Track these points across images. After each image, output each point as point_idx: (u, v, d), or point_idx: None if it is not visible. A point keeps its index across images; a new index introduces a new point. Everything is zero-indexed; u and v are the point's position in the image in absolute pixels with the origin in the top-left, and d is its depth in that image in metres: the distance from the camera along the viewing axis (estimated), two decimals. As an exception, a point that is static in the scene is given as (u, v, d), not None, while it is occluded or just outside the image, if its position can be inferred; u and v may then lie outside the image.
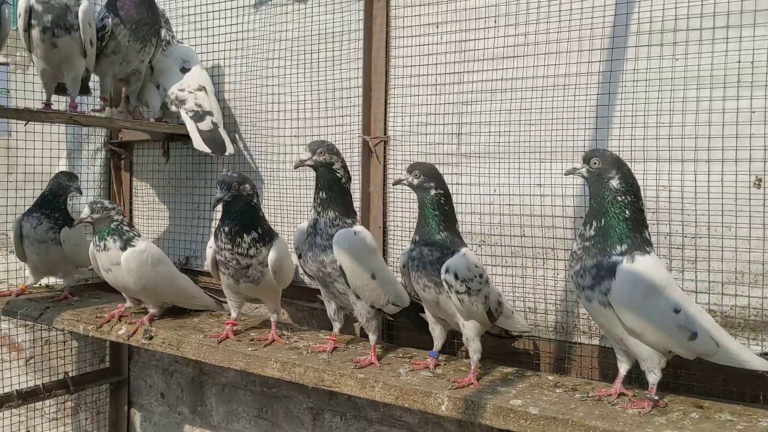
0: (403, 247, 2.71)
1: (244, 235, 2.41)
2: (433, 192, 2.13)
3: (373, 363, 2.30)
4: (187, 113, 3.02)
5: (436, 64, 2.69)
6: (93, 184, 3.57)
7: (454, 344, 2.54)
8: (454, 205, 2.42)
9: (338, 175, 2.25)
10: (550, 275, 2.49)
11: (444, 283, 2.06)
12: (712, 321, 1.91)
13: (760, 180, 2.11)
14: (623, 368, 2.01)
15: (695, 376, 2.20)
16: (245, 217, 2.43)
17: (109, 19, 2.85)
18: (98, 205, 2.63)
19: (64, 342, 3.76)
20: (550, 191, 2.45)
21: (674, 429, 1.77)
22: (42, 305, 2.95)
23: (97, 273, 2.83)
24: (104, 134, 3.59)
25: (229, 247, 2.41)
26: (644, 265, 1.82)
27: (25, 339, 3.96)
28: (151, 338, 2.62)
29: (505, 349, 2.58)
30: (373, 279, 2.28)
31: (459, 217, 2.61)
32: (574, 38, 2.40)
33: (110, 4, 2.90)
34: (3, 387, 3.64)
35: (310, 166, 2.24)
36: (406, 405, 2.11)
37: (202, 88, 3.08)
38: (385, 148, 2.81)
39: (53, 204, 3.03)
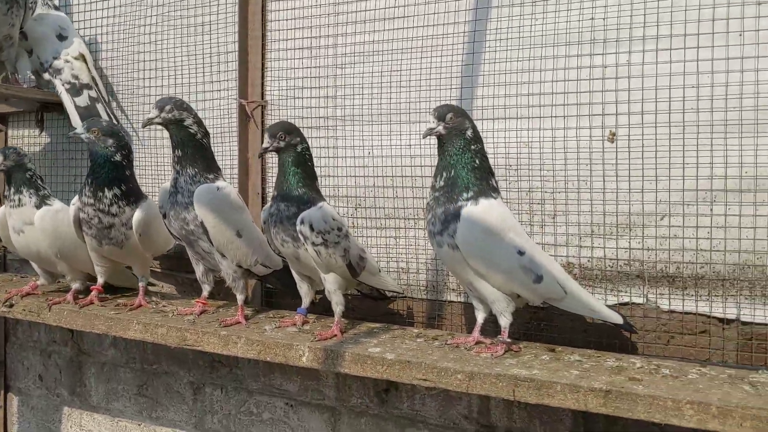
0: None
1: (106, 189, 2.33)
2: (299, 148, 2.12)
3: (239, 322, 2.27)
4: (63, 85, 2.93)
5: (310, 27, 2.68)
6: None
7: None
8: (331, 168, 2.44)
9: (191, 131, 2.20)
10: (421, 236, 2.51)
11: (300, 235, 2.05)
12: (561, 270, 1.98)
13: (613, 134, 2.19)
14: (480, 317, 2.04)
15: (557, 328, 2.26)
16: (109, 172, 2.35)
17: None
18: (11, 150, 2.45)
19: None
20: (420, 152, 2.48)
21: (522, 368, 1.81)
22: None
23: (5, 242, 2.62)
24: (-24, 106, 3.43)
25: (92, 202, 2.32)
26: (488, 207, 1.87)
27: None
28: (11, 306, 2.51)
29: (380, 311, 2.59)
30: (239, 237, 2.24)
31: (335, 181, 2.63)
32: (441, 0, 2.44)
33: None
34: None
35: (158, 123, 2.18)
36: (268, 359, 2.09)
37: (80, 57, 2.99)
38: (262, 112, 2.78)
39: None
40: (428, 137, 1.95)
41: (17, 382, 3.56)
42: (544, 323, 2.29)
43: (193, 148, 2.20)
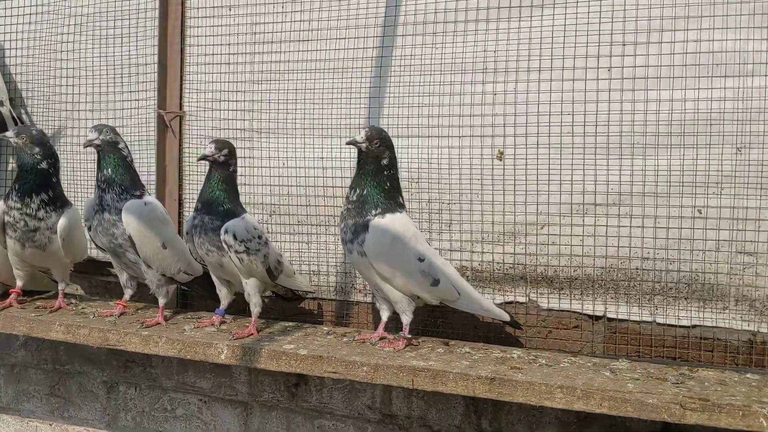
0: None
1: (33, 195, 2.42)
2: (231, 168, 2.30)
3: (159, 323, 2.41)
4: None
5: (229, 44, 2.85)
6: None
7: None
8: (247, 177, 2.61)
9: (124, 153, 2.37)
10: (331, 240, 2.72)
11: (224, 244, 2.23)
12: (456, 273, 2.25)
13: (501, 153, 2.48)
14: (385, 315, 2.28)
15: (451, 324, 2.53)
16: (36, 179, 2.44)
17: None
18: None
19: None
20: (330, 164, 2.69)
21: (421, 360, 2.06)
22: None
23: None
24: None
25: (19, 206, 2.41)
26: (392, 220, 2.13)
27: None
28: None
29: (292, 311, 2.79)
30: (164, 248, 2.40)
31: (251, 189, 2.81)
32: (352, 26, 2.66)
33: None
34: None
35: (96, 146, 2.33)
36: (188, 357, 2.25)
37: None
38: (180, 123, 2.92)
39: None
40: (349, 145, 2.17)
41: None
42: (441, 320, 2.55)
43: (123, 167, 2.37)
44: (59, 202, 2.48)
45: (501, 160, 2.48)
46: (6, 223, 2.44)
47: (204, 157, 2.30)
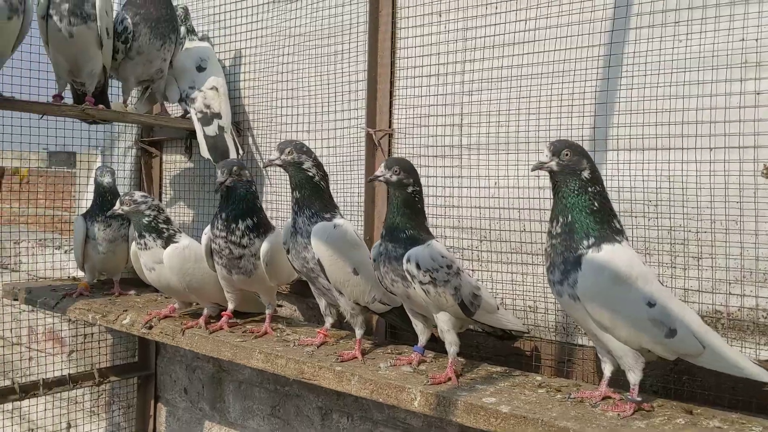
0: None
1: (239, 221, 2.40)
2: (410, 189, 2.06)
3: (356, 357, 2.24)
4: (195, 114, 3.09)
5: (439, 54, 2.61)
6: (125, 182, 3.66)
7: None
8: (456, 198, 2.35)
9: (310, 173, 2.20)
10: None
11: (407, 274, 1.99)
12: (700, 321, 1.76)
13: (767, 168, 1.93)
14: (607, 369, 1.87)
15: (701, 382, 2.03)
16: (242, 204, 2.41)
17: (129, 20, 2.92)
18: (127, 197, 2.56)
19: (99, 335, 3.86)
20: (549, 184, 2.32)
21: (652, 434, 1.63)
22: (59, 295, 3.03)
23: (138, 274, 2.77)
24: (135, 132, 3.68)
25: (224, 234, 2.39)
26: (611, 253, 1.70)
27: (68, 333, 4.09)
28: (150, 328, 2.65)
29: (505, 351, 2.46)
30: (356, 274, 2.22)
31: (460, 212, 2.54)
32: (575, 22, 2.28)
33: (127, 4, 2.98)
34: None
35: (278, 165, 2.21)
36: (380, 399, 2.04)
37: (213, 88, 3.13)
38: (390, 140, 2.75)
39: (112, 203, 2.98)
40: (537, 171, 1.83)
41: (165, 394, 3.78)
42: (686, 377, 2.05)
43: (310, 189, 2.21)
44: (262, 228, 2.44)
45: (767, 177, 1.92)
46: (213, 249, 2.45)
47: (375, 178, 2.09)
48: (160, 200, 3.72)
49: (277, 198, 3.18)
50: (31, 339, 4.37)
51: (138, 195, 2.56)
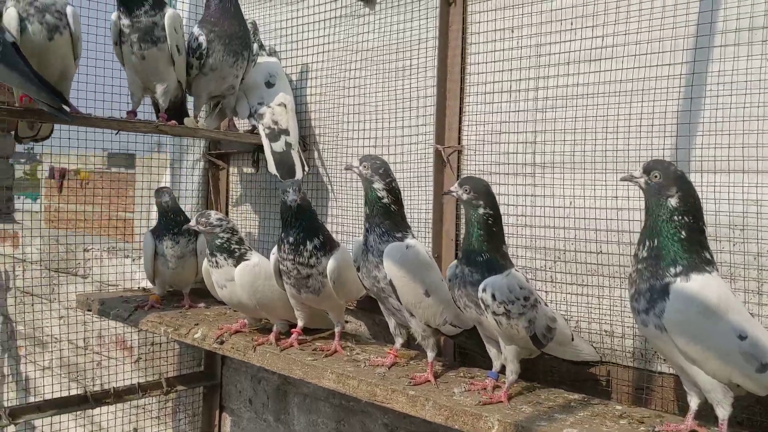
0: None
1: (307, 242, 2.40)
2: (481, 211, 2.03)
3: (429, 380, 2.22)
4: (264, 129, 3.12)
5: (511, 70, 2.57)
6: (192, 194, 3.72)
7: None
8: (529, 217, 2.31)
9: (379, 195, 2.20)
10: (627, 297, 2.28)
11: (481, 303, 1.96)
12: (792, 354, 1.68)
13: None
14: (694, 402, 1.80)
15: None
16: (307, 224, 2.42)
17: (203, 37, 2.96)
18: (203, 219, 2.60)
19: (167, 344, 3.94)
20: (628, 204, 2.26)
21: (743, 475, 1.56)
22: (131, 307, 3.10)
23: (210, 290, 2.82)
24: (204, 145, 3.74)
25: (291, 257, 2.40)
26: (701, 284, 1.64)
27: (136, 341, 4.19)
28: (222, 343, 2.68)
29: (581, 376, 2.40)
30: (427, 296, 2.20)
31: (533, 231, 2.49)
32: (655, 39, 2.21)
33: (205, 20, 3.02)
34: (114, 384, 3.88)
35: (356, 173, 2.23)
36: (456, 426, 2.00)
37: (281, 104, 3.15)
38: (459, 157, 2.71)
39: (176, 220, 3.10)
40: (625, 182, 1.82)
41: (230, 403, 3.82)
42: (775, 409, 1.97)
43: (382, 207, 2.20)
44: (328, 246, 2.44)
45: None
46: (281, 270, 2.46)
47: (447, 193, 2.09)
48: (227, 212, 3.77)
49: (342, 213, 3.18)
50: (100, 346, 4.49)
51: (213, 217, 2.60)
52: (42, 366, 5.11)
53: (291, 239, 2.41)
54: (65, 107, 2.52)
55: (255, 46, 3.22)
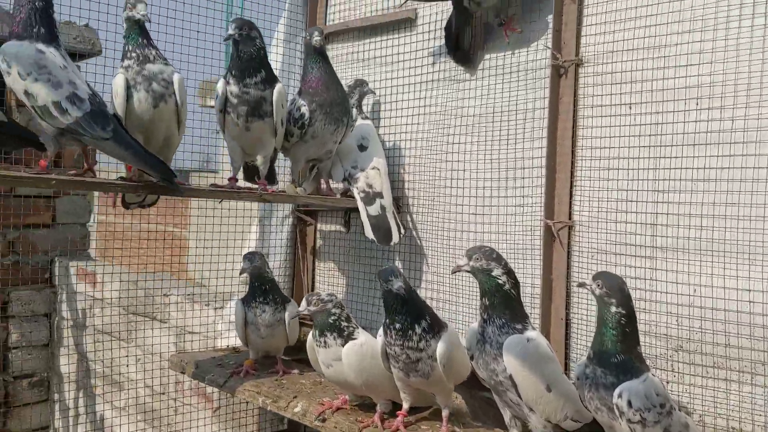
0: (588, 343, 2.52)
1: (415, 326, 2.34)
2: (613, 309, 1.96)
3: (549, 475, 2.13)
4: (358, 193, 3.10)
5: (629, 147, 2.48)
6: (280, 250, 3.71)
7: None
8: (647, 302, 2.22)
9: (500, 281, 2.14)
10: (759, 392, 2.17)
11: (615, 408, 1.87)
12: None
13: None
14: None
15: None
16: (414, 307, 2.36)
17: (306, 107, 2.95)
18: (315, 298, 2.56)
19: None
20: (761, 298, 2.15)
21: None
22: (226, 373, 3.07)
23: (313, 366, 2.77)
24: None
25: (400, 342, 2.35)
26: None
27: (215, 390, 4.18)
28: (323, 421, 2.63)
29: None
30: (549, 391, 2.12)
31: (651, 316, 2.39)
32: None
33: (305, 91, 3.01)
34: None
35: (467, 271, 2.16)
36: None
37: (375, 168, 3.12)
38: (569, 233, 2.63)
39: (264, 287, 3.05)
40: None
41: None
42: None
43: (500, 297, 2.14)
44: (436, 327, 2.37)
45: None
46: (389, 354, 2.40)
47: (582, 284, 2.04)
48: (314, 269, 3.74)
49: (437, 278, 3.12)
50: (177, 392, 4.49)
51: (324, 294, 2.55)
52: (118, 407, 5.16)
53: (398, 325, 2.35)
54: (176, 180, 2.53)
55: (354, 111, 3.20)
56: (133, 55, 2.65)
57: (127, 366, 4.98)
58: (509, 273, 2.16)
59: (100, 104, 2.41)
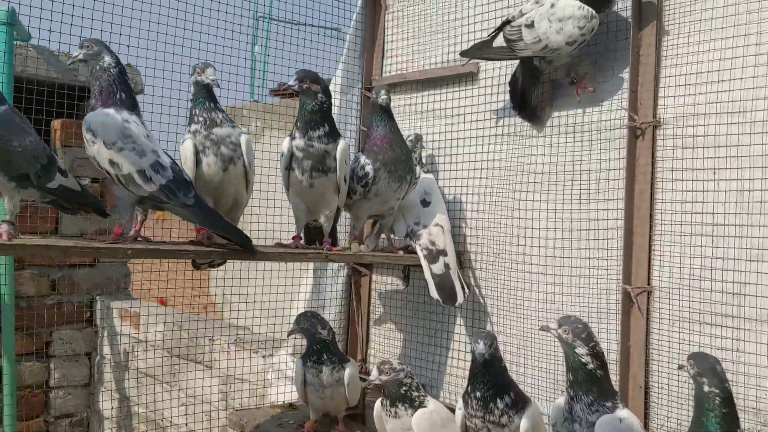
0: (669, 413, 2.46)
1: (498, 400, 2.29)
2: (706, 389, 1.90)
3: None
4: (421, 250, 3.06)
5: (713, 213, 2.42)
6: (335, 302, 3.67)
7: None
8: (733, 375, 2.18)
9: (583, 360, 2.09)
10: None
11: None
12: None
13: None
14: None
15: None
16: (498, 379, 2.31)
17: (370, 166, 2.93)
18: (386, 367, 2.52)
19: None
20: None
21: None
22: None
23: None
24: (347, 252, 3.69)
25: (481, 414, 2.29)
26: None
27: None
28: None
29: None
30: (645, 469, 2.05)
31: (736, 389, 2.31)
32: None
33: (368, 149, 3.00)
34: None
35: (553, 335, 2.14)
36: None
37: (438, 225, 3.08)
38: (648, 299, 2.56)
39: (316, 347, 2.95)
40: None
41: None
42: None
43: (585, 375, 2.09)
44: (520, 403, 2.33)
45: None
46: (468, 427, 2.35)
47: (681, 367, 2.01)
48: (368, 321, 3.69)
49: (503, 338, 3.05)
50: (225, 439, 4.44)
51: (395, 363, 2.51)
52: (162, 451, 5.11)
53: (479, 394, 2.30)
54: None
55: (417, 168, 3.17)
56: (200, 119, 2.65)
57: (170, 410, 4.94)
58: (596, 355, 2.10)
59: (181, 172, 2.40)
